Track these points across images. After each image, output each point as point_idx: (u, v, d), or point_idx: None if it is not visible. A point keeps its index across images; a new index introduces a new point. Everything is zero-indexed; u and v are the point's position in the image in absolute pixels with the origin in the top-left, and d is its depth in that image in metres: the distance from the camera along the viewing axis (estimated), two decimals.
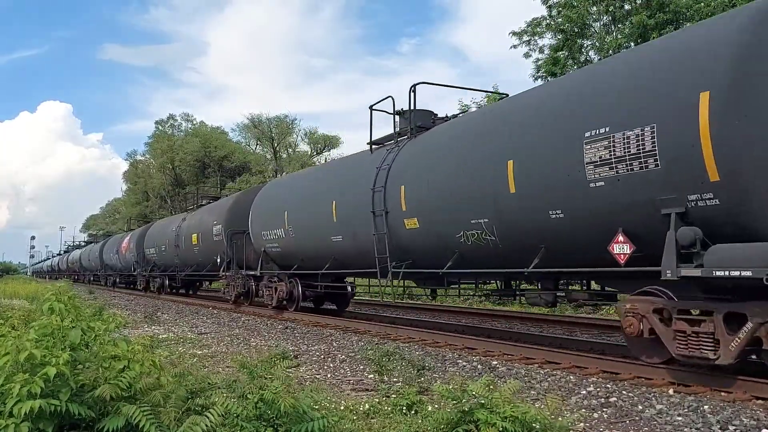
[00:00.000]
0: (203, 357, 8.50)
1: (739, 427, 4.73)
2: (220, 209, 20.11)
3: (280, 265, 15.44)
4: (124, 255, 32.45)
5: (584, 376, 6.83)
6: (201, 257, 21.27)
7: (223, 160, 57.55)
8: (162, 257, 26.16)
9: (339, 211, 12.15)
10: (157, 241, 26.61)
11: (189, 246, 22.25)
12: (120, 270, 35.04)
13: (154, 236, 27.62)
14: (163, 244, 25.50)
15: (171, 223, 25.64)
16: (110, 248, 37.85)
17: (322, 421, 3.51)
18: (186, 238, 22.64)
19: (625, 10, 23.07)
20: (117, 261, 34.90)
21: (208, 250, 20.36)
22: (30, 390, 3.07)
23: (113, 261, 36.06)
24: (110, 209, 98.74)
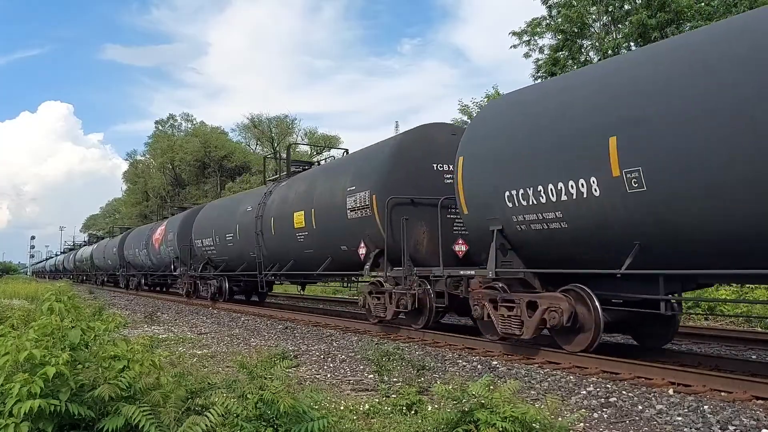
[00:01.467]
0: (203, 357, 8.50)
1: (739, 427, 4.73)
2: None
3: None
4: (158, 249, 26.54)
5: (584, 376, 6.83)
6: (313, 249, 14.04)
7: (223, 160, 57.60)
8: (226, 250, 18.66)
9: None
10: (218, 228, 19.21)
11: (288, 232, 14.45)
12: (150, 268, 29.13)
13: (209, 221, 20.38)
14: (229, 231, 18.05)
15: (238, 203, 18.51)
16: (135, 242, 31.76)
17: (322, 421, 3.51)
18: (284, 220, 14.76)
19: (624, 10, 23.09)
20: (146, 257, 29.07)
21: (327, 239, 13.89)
22: (30, 390, 3.07)
23: (140, 258, 30.38)
24: (110, 209, 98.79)
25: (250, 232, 16.36)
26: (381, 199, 10.69)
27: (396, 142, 11.53)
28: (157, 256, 27.08)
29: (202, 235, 20.65)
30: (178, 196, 61.50)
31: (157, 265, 27.79)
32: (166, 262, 25.79)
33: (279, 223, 14.77)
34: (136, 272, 32.12)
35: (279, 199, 15.24)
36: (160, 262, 26.82)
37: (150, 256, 28.33)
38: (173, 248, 24.03)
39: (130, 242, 33.35)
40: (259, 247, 15.93)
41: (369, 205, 10.98)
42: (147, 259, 29.06)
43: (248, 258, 16.98)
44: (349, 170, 12.30)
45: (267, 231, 15.53)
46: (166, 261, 25.58)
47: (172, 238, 24.29)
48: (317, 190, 13.30)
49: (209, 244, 19.97)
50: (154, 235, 27.61)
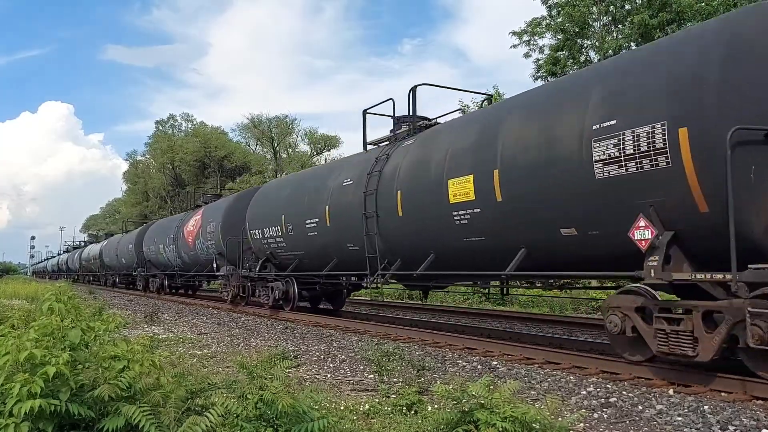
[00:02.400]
0: (203, 357, 8.50)
1: (739, 427, 4.73)
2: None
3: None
4: (191, 244, 22.24)
5: (584, 376, 6.83)
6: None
7: (223, 160, 57.57)
8: (303, 243, 13.91)
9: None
10: (291, 213, 14.27)
11: (434, 211, 10.22)
12: (178, 268, 24.63)
13: (274, 205, 15.43)
14: (312, 216, 13.18)
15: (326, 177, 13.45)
16: (158, 237, 27.04)
17: (321, 421, 3.51)
18: (424, 194, 10.75)
19: (625, 10, 23.08)
20: (174, 254, 24.56)
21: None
22: (30, 390, 3.07)
23: (165, 255, 25.77)
24: (110, 209, 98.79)
25: (353, 216, 11.51)
26: (703, 132, 5.70)
27: (735, 21, 6.18)
28: (190, 253, 22.44)
29: (262, 223, 15.69)
30: (178, 196, 61.49)
31: (188, 264, 23.22)
32: (202, 260, 21.28)
33: (413, 198, 9.94)
34: (159, 272, 27.36)
35: (409, 163, 10.27)
36: (194, 260, 22.33)
37: (180, 252, 23.68)
38: (214, 242, 19.57)
39: (151, 237, 28.24)
40: (371, 235, 11.01)
41: (664, 148, 6.01)
42: (175, 256, 24.33)
43: (344, 252, 12.24)
44: (591, 93, 7.05)
45: (387, 212, 10.54)
46: (203, 258, 21.10)
47: (213, 230, 19.67)
48: (509, 137, 8.06)
49: (273, 234, 15.08)
50: (186, 227, 22.88)
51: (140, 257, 29.66)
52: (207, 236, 20.21)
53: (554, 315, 14.58)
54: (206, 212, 21.36)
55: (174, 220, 26.77)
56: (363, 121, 12.88)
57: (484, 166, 8.32)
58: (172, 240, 24.49)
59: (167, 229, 26.00)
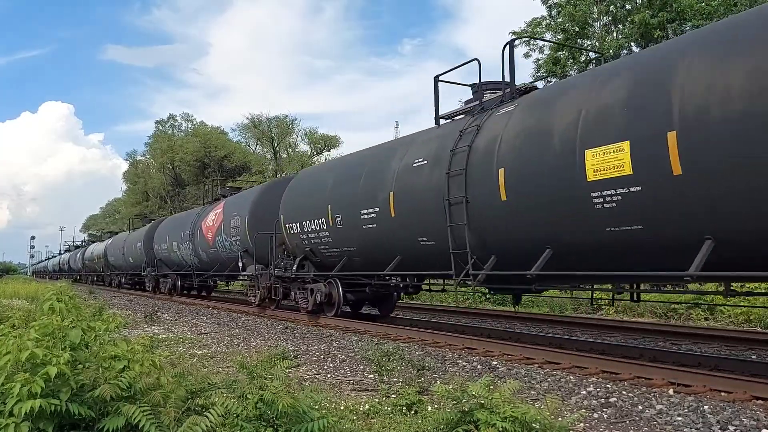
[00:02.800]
0: (203, 357, 8.50)
1: (739, 427, 4.73)
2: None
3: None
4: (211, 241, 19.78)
5: (584, 376, 6.83)
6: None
7: (223, 160, 57.57)
8: (354, 237, 11.80)
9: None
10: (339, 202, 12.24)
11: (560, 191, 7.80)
12: (194, 267, 22.22)
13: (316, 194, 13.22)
14: (368, 206, 11.09)
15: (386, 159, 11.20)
16: (171, 234, 24.58)
17: (321, 421, 3.51)
18: (541, 170, 8.29)
19: (625, 10, 23.09)
20: (190, 253, 22.06)
21: None
22: (30, 390, 3.07)
23: (179, 253, 23.39)
24: (110, 209, 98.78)
25: (428, 203, 9.39)
26: None
27: None
28: (209, 251, 20.15)
29: (301, 215, 13.35)
30: (178, 196, 61.50)
31: (207, 263, 20.86)
32: (223, 258, 19.04)
33: (524, 178, 7.74)
34: (171, 272, 25.07)
35: (515, 133, 8.07)
36: (214, 259, 20.05)
37: (197, 250, 21.38)
38: (239, 238, 17.20)
39: (163, 234, 25.89)
40: (457, 226, 8.73)
41: None
42: (191, 254, 21.96)
43: (414, 248, 9.96)
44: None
45: (481, 197, 8.35)
46: (224, 257, 18.83)
47: (238, 225, 17.14)
48: (693, 85, 5.92)
49: (316, 228, 12.76)
50: (204, 223, 20.52)
51: (150, 256, 27.12)
52: (230, 232, 17.76)
53: (554, 315, 14.59)
54: (228, 205, 18.94)
55: (189, 215, 23.92)
56: (435, 89, 10.68)
57: (648, 129, 6.20)
58: (187, 237, 22.10)
59: (182, 225, 23.54)
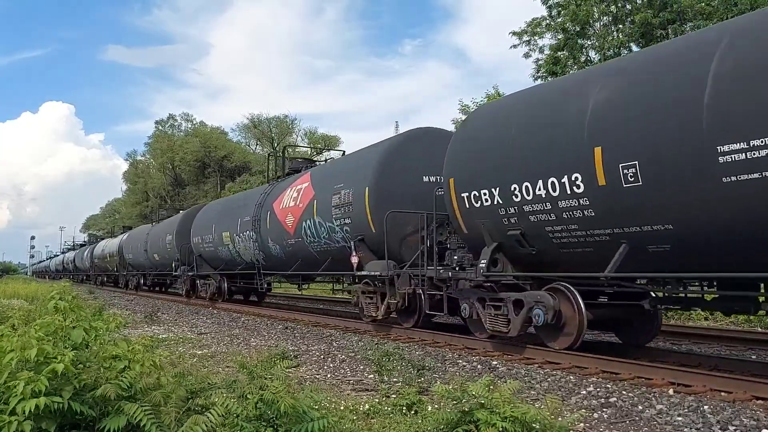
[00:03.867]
0: (203, 357, 8.50)
1: (739, 427, 4.73)
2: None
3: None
4: (291, 229, 14.32)
5: (584, 376, 6.83)
6: None
7: (223, 160, 57.63)
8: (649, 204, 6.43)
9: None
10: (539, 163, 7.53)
11: None
12: (262, 265, 16.78)
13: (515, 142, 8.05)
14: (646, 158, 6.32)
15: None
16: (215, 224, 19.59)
17: (322, 421, 3.51)
18: None
19: (626, 10, 23.09)
20: (255, 248, 16.57)
21: None
22: (33, 388, 3.07)
23: (231, 248, 18.36)
24: (110, 209, 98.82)
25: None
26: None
27: None
28: (290, 242, 14.43)
29: (502, 174, 7.96)
30: (178, 196, 61.51)
31: (280, 259, 15.45)
32: (312, 250, 13.59)
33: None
34: (216, 271, 20.09)
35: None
36: (296, 252, 14.40)
37: (265, 242, 15.80)
38: (352, 221, 11.78)
39: (204, 224, 20.69)
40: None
41: None
42: (254, 248, 16.47)
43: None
44: None
45: None
46: (315, 249, 13.48)
47: (349, 201, 11.83)
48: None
49: (547, 195, 7.13)
50: (278, 204, 15.04)
51: (185, 252, 22.03)
52: (331, 213, 12.37)
53: None
54: (323, 176, 13.73)
55: (248, 197, 18.65)
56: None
57: None
58: (248, 225, 16.66)
59: (236, 210, 18.31)
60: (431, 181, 10.88)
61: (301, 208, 13.77)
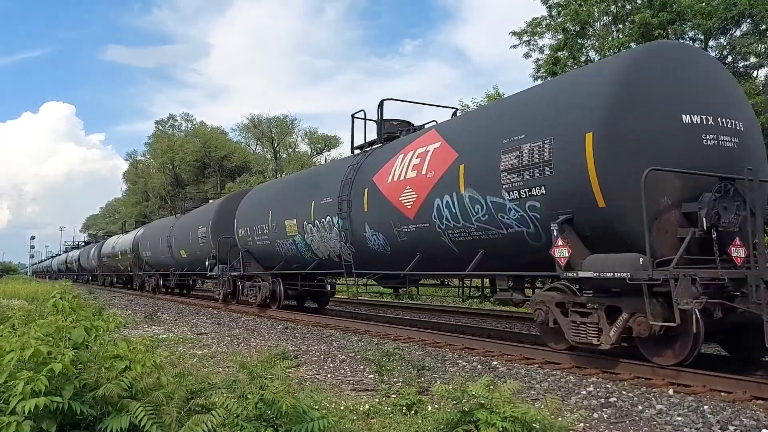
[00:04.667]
0: (203, 357, 8.50)
1: (739, 427, 4.74)
2: None
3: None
4: (411, 213, 9.88)
5: (584, 376, 6.83)
6: None
7: (223, 160, 57.62)
8: None
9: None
10: None
11: None
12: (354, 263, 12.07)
13: None
14: None
15: None
16: (275, 206, 15.27)
17: (322, 421, 3.51)
18: None
19: (626, 10, 23.09)
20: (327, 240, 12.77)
21: None
22: (33, 388, 3.07)
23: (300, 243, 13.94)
24: (110, 209, 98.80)
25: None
26: None
27: None
28: (401, 230, 10.28)
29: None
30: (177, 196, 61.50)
31: (385, 255, 11.06)
32: (438, 242, 9.54)
33: None
34: (274, 271, 15.68)
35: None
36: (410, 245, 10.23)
37: (355, 232, 11.61)
38: (542, 191, 7.40)
39: (255, 210, 16.38)
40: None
41: None
42: (342, 241, 12.02)
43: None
44: None
45: None
46: (449, 240, 9.28)
47: (535, 160, 7.52)
48: None
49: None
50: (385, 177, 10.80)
51: (224, 248, 17.91)
52: (501, 181, 8.06)
53: None
54: (463, 130, 9.76)
55: (326, 173, 14.01)
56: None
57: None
58: (332, 210, 12.27)
59: (309, 191, 13.67)
60: (696, 123, 6.92)
61: (431, 179, 9.43)
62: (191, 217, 23.07)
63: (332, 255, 12.98)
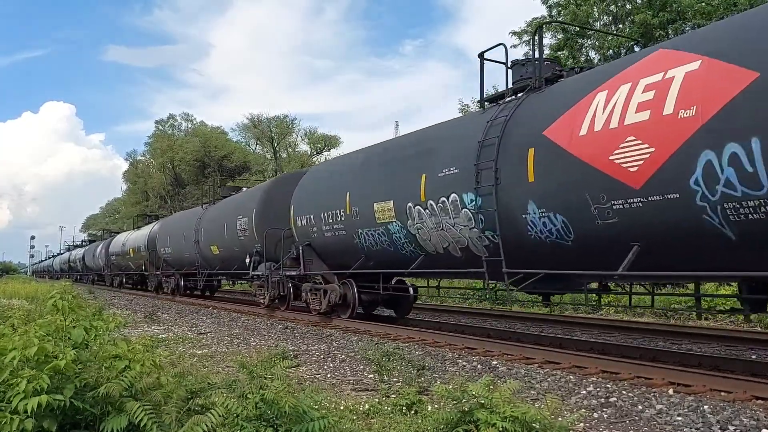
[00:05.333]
0: (203, 357, 8.50)
1: (739, 427, 4.73)
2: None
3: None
4: None
5: (584, 376, 6.83)
6: None
7: (223, 160, 57.59)
8: None
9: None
10: None
11: None
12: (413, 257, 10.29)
13: None
14: None
15: None
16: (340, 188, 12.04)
17: (322, 421, 3.51)
18: None
19: (626, 10, 23.10)
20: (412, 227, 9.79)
21: None
22: (35, 386, 3.07)
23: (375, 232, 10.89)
24: (110, 209, 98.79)
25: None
26: None
27: None
28: (610, 206, 6.57)
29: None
30: (177, 196, 61.48)
31: (565, 248, 7.39)
32: (702, 223, 5.73)
33: None
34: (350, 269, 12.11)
35: None
36: (625, 230, 6.55)
37: (513, 214, 7.89)
38: None
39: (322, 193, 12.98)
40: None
41: None
42: (474, 227, 8.63)
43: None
44: None
45: None
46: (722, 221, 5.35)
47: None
48: None
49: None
50: (572, 127, 7.14)
51: (273, 242, 14.88)
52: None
53: (554, 315, 14.58)
54: (736, 34, 6.01)
55: (454, 133, 9.93)
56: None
57: None
58: (457, 184, 8.93)
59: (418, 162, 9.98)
60: None
61: (691, 121, 5.83)
62: (226, 206, 19.43)
63: (453, 248, 9.28)
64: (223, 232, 18.40)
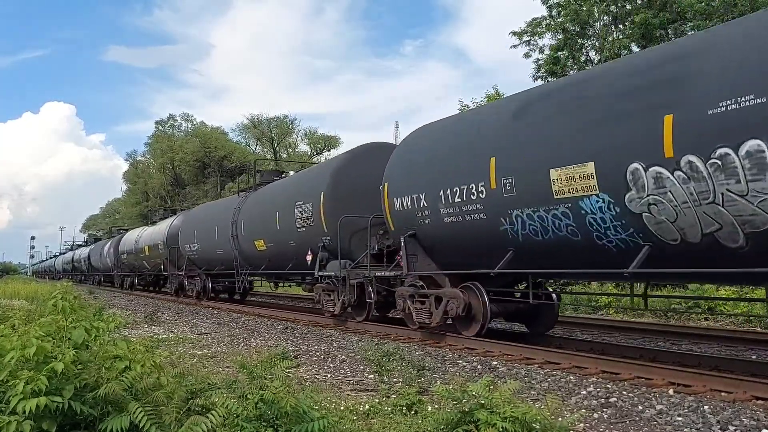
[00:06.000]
0: (203, 357, 8.50)
1: (739, 427, 4.74)
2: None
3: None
4: None
5: (584, 376, 6.83)
6: None
7: (223, 160, 57.61)
8: None
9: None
10: None
11: None
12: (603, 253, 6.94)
13: None
14: None
15: None
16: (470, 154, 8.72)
17: (322, 421, 3.51)
18: None
19: (626, 10, 23.10)
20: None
21: None
22: (33, 387, 3.07)
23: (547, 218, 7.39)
24: (110, 209, 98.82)
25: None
26: None
27: None
28: None
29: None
30: (178, 196, 61.50)
31: None
32: None
33: None
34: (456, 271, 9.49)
35: None
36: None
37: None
38: None
39: (448, 161, 9.24)
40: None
41: None
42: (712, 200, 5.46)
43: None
44: None
45: None
46: None
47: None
48: None
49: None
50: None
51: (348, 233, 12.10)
52: None
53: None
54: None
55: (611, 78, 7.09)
56: None
57: None
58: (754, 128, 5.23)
59: (659, 95, 6.20)
60: None
61: None
62: (276, 191, 16.16)
63: (730, 233, 5.77)
64: (273, 224, 14.95)
